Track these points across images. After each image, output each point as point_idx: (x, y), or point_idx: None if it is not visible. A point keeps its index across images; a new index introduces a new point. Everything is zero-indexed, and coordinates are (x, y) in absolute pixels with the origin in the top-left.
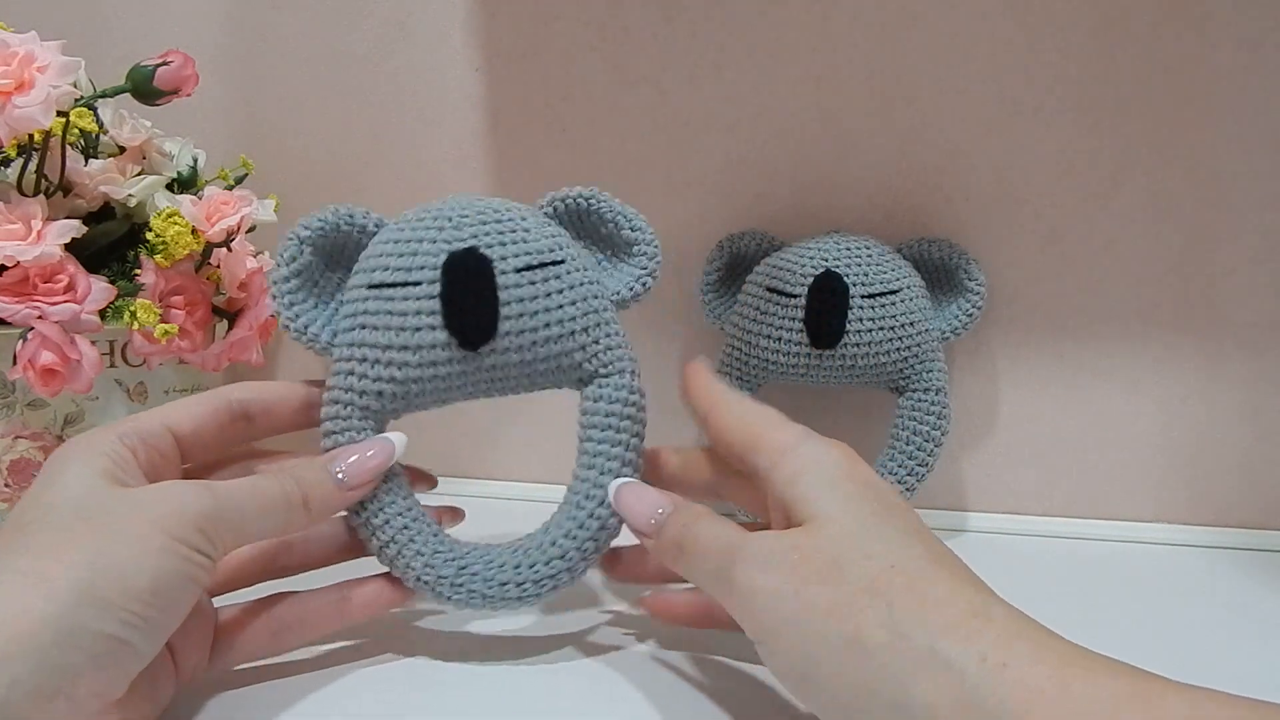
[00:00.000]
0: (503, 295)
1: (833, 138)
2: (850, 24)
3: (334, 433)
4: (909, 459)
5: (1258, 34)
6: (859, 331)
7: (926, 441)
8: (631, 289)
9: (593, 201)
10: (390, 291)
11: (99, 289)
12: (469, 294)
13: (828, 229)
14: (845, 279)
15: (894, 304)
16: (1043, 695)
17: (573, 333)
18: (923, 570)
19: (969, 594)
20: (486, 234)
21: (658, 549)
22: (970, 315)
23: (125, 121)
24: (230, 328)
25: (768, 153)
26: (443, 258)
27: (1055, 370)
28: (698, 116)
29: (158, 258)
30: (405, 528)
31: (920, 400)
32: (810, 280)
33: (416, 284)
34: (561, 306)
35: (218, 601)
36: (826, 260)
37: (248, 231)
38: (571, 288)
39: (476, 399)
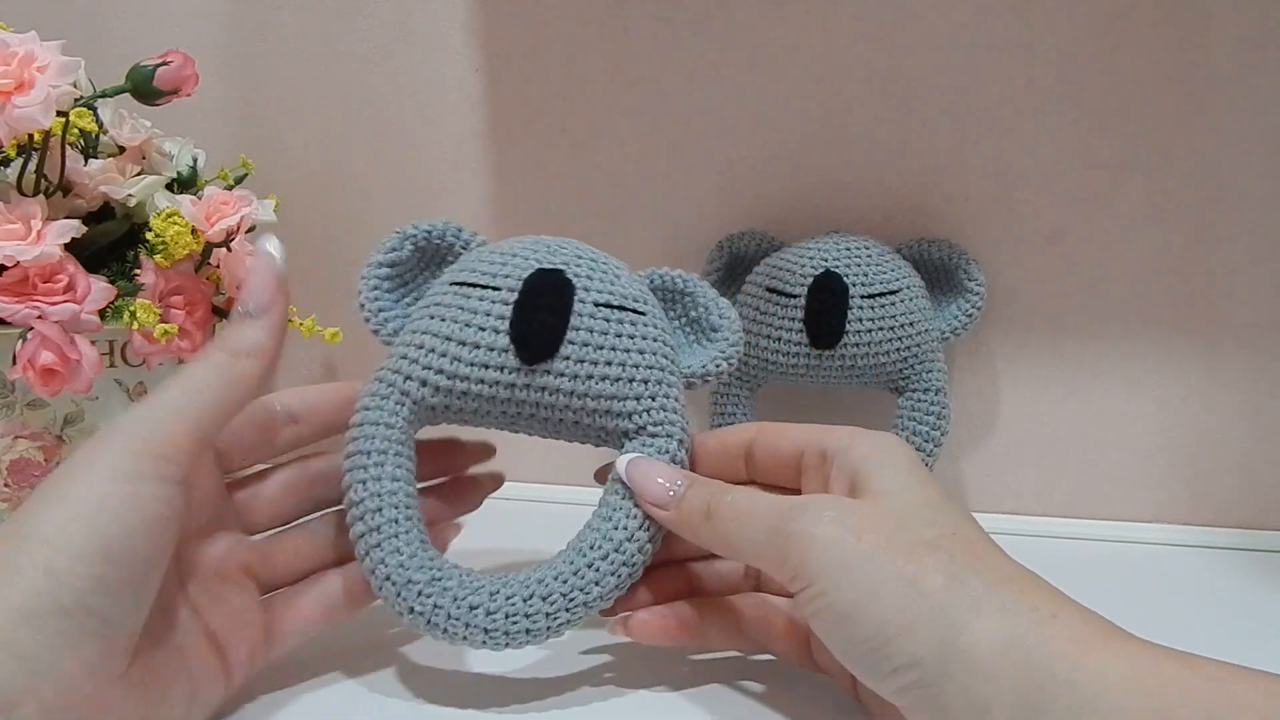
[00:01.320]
0: (574, 320)
1: (833, 138)
2: (850, 24)
3: (365, 409)
4: None
5: (1258, 34)
6: (859, 332)
7: (926, 441)
8: (704, 367)
9: (689, 284)
10: (470, 290)
11: (99, 289)
12: (542, 309)
13: (827, 229)
14: (845, 279)
15: (894, 304)
16: (1087, 643)
17: (632, 380)
18: (980, 540)
19: (1018, 565)
20: (579, 264)
21: (678, 518)
22: (970, 315)
23: (125, 121)
24: None
25: (768, 153)
26: (529, 270)
27: (1055, 370)
28: (698, 116)
29: (157, 258)
30: (395, 521)
31: (920, 400)
32: (810, 280)
33: (497, 289)
34: (629, 351)
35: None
36: (826, 260)
37: (247, 231)
38: (644, 339)
39: (517, 430)
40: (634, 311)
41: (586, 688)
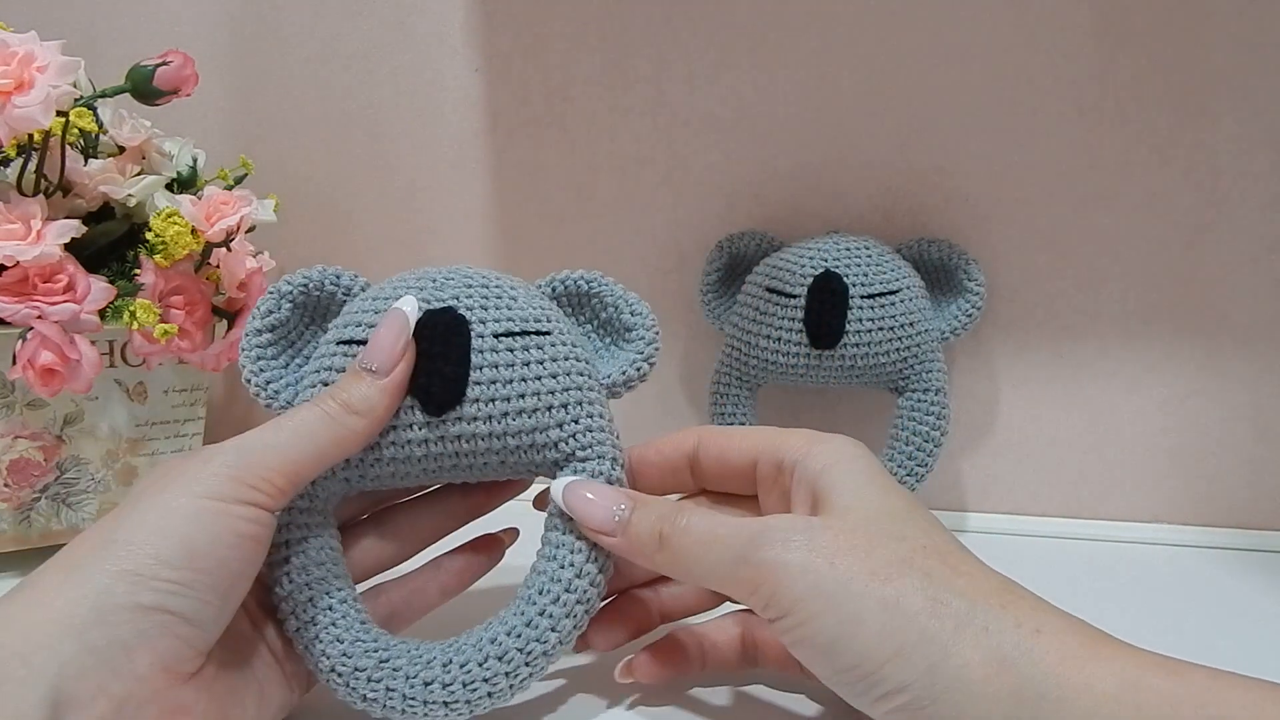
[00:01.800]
0: (475, 359)
1: (832, 138)
2: (850, 24)
3: None
4: (908, 459)
5: (1258, 34)
6: (858, 332)
7: (926, 442)
8: (625, 373)
9: (594, 284)
10: (358, 349)
11: (98, 289)
12: (437, 357)
13: (827, 229)
14: (845, 279)
15: (893, 304)
16: (1075, 658)
17: (550, 408)
18: (952, 550)
19: (994, 574)
20: (469, 296)
21: (626, 544)
22: (970, 315)
23: (125, 121)
24: (230, 327)
25: (767, 153)
26: (417, 315)
27: (1055, 370)
28: (698, 116)
29: (157, 258)
30: (330, 609)
31: (920, 400)
32: (810, 280)
33: None
34: (540, 378)
35: None
36: (826, 260)
37: (247, 231)
38: (554, 360)
39: (441, 481)
40: (536, 333)
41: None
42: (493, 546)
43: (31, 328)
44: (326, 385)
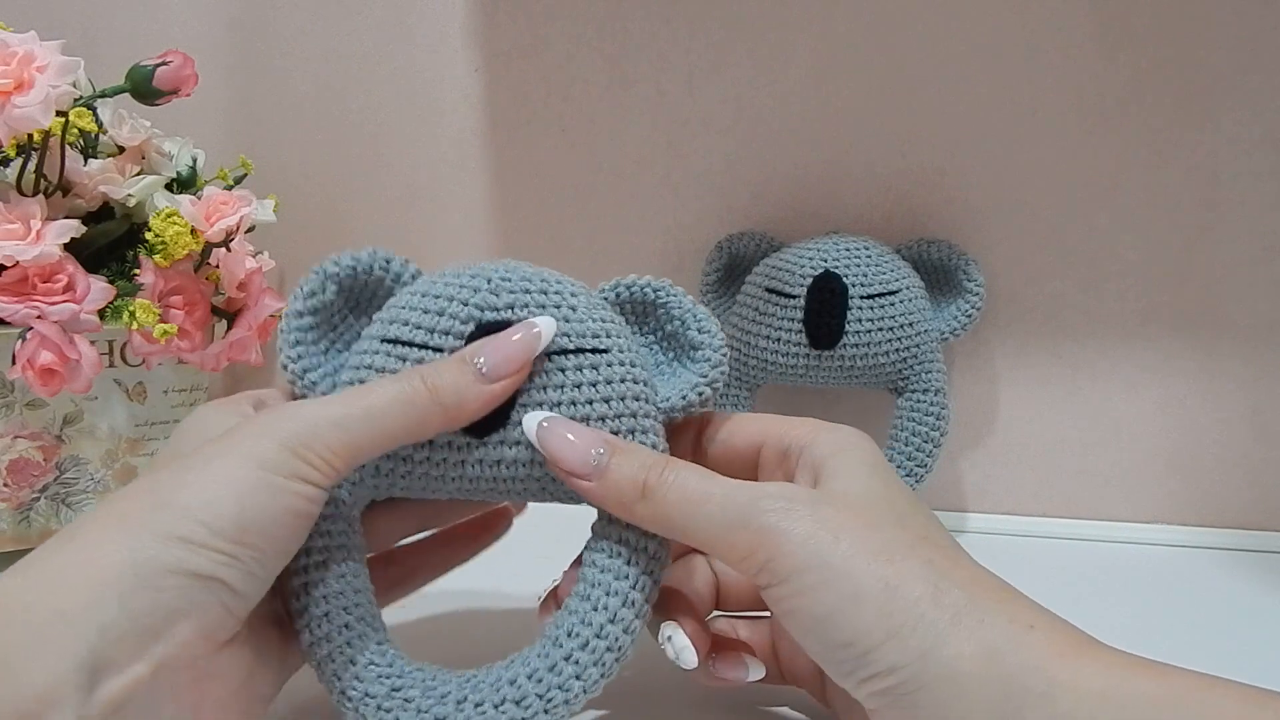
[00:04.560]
0: (525, 380)
1: (832, 138)
2: (850, 25)
3: None
4: (908, 459)
5: (1258, 34)
6: (858, 332)
7: (925, 442)
8: (685, 398)
9: (660, 294)
10: (404, 351)
11: (98, 289)
12: None
13: (827, 230)
14: (844, 280)
15: (893, 305)
16: (1064, 655)
17: None
18: (950, 546)
19: (990, 573)
20: (525, 305)
21: (602, 491)
22: (969, 316)
23: (125, 121)
24: (229, 328)
25: (767, 153)
26: (470, 326)
27: (1055, 370)
28: (697, 116)
29: (157, 258)
30: (346, 626)
31: (919, 401)
32: (809, 281)
33: (437, 349)
34: (592, 402)
35: None
36: (825, 261)
37: (247, 231)
38: (609, 382)
39: (477, 499)
40: (593, 351)
41: None
42: (501, 519)
43: (31, 328)
44: (364, 384)
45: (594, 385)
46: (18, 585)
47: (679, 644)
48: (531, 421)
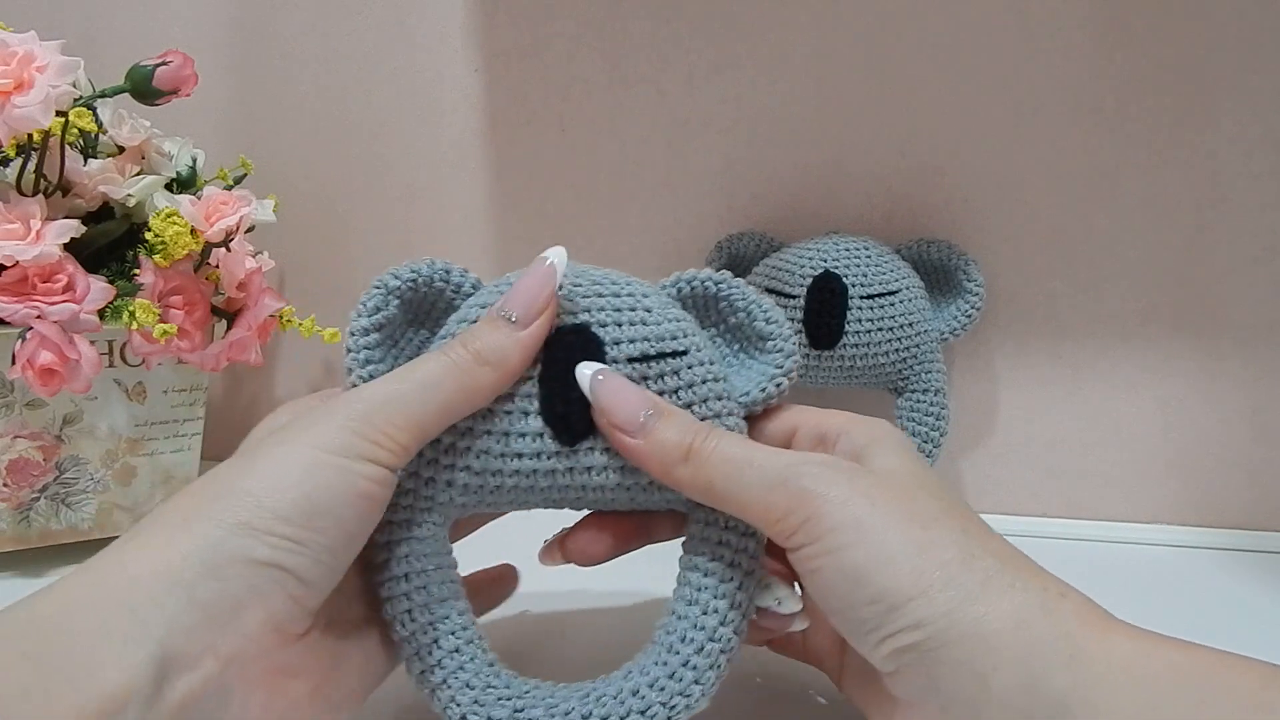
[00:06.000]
0: None
1: (832, 139)
2: (850, 25)
3: (390, 523)
4: None
5: (1258, 34)
6: (858, 332)
7: (925, 442)
8: (764, 390)
9: (723, 287)
10: None
11: (98, 289)
12: (574, 383)
13: (826, 230)
14: (844, 280)
15: (893, 305)
16: (1093, 625)
17: None
18: (983, 524)
19: (1021, 551)
20: (601, 310)
21: (647, 449)
22: (969, 316)
23: (124, 121)
24: (229, 328)
25: (767, 153)
26: (549, 334)
27: (1055, 370)
28: (697, 116)
29: (157, 258)
30: (456, 650)
31: (919, 401)
32: (809, 281)
33: None
34: (677, 406)
35: None
36: (825, 261)
37: (247, 231)
38: (690, 386)
39: (563, 507)
40: (673, 355)
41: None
42: (508, 580)
43: (31, 328)
44: (410, 362)
45: (675, 391)
46: (82, 584)
47: (781, 593)
48: (586, 370)
